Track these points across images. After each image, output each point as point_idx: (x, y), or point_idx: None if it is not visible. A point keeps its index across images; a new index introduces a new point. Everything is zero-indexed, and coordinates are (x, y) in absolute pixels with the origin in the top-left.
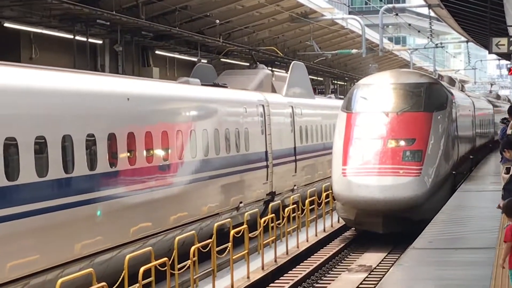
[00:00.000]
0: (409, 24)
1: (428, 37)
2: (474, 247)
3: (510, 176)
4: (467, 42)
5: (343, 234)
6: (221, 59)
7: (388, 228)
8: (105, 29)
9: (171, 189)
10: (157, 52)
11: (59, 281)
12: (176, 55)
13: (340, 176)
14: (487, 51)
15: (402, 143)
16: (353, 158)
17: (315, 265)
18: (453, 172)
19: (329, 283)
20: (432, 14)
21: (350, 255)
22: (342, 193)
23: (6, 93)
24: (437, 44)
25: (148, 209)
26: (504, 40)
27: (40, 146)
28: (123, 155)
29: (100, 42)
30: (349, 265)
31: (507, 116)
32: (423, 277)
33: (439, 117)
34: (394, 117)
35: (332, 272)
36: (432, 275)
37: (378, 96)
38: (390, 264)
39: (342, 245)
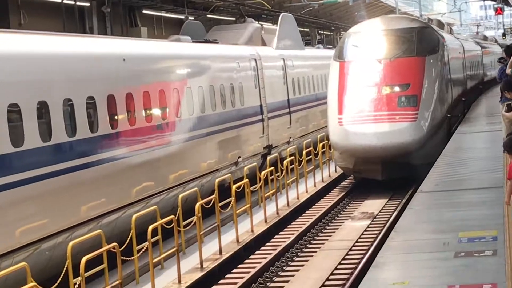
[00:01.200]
0: None
1: None
2: (481, 187)
3: None
4: None
5: (342, 183)
6: (208, 15)
7: (387, 174)
8: None
9: (171, 147)
10: (144, 11)
11: (70, 243)
12: (163, 14)
13: (337, 126)
14: None
15: (397, 89)
16: (348, 107)
17: (317, 215)
18: (448, 115)
19: (334, 232)
20: None
21: (351, 204)
22: (340, 142)
23: (9, 59)
24: None
25: (150, 169)
26: None
27: (42, 111)
28: (122, 116)
29: (88, 4)
30: (351, 213)
31: (502, 56)
32: (435, 219)
33: (431, 61)
34: (387, 63)
35: (335, 221)
36: (443, 217)
37: (370, 44)
38: (392, 210)
39: (342, 194)
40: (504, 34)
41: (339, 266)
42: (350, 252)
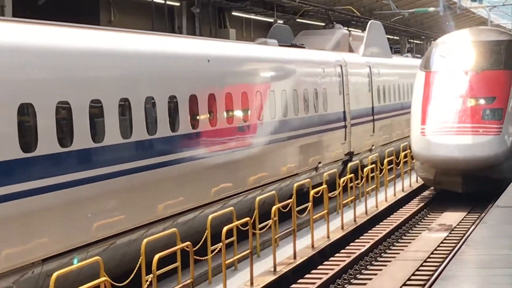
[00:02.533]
0: None
1: None
2: None
3: None
4: None
5: (421, 194)
6: (297, 20)
7: (468, 187)
8: None
9: (251, 149)
10: (233, 13)
11: (144, 240)
12: (252, 16)
13: (419, 136)
14: None
15: (482, 101)
16: (432, 117)
17: (394, 224)
18: None
19: (410, 242)
20: None
21: (430, 215)
22: (421, 152)
23: (95, 56)
24: None
25: (229, 170)
26: None
27: (124, 108)
28: (204, 116)
29: (178, 4)
30: (429, 225)
31: None
32: (509, 235)
33: None
34: (473, 75)
35: (412, 232)
36: None
37: (457, 55)
38: (470, 224)
39: (421, 204)
40: None
41: (412, 277)
42: (424, 264)
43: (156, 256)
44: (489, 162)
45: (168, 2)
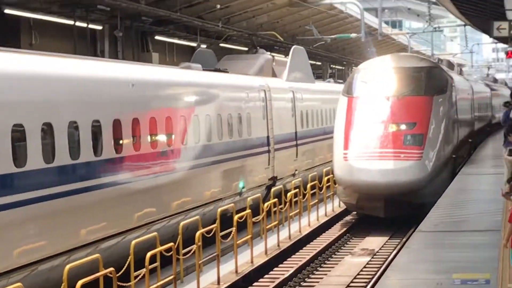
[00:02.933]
0: (409, 8)
1: (426, 21)
2: (479, 229)
3: None
4: (464, 25)
5: (344, 218)
6: (220, 44)
7: (390, 212)
8: (105, 14)
9: (175, 174)
10: (156, 37)
11: (67, 266)
12: (176, 40)
13: (342, 161)
14: (482, 35)
15: (403, 127)
16: (354, 142)
17: (318, 249)
18: (453, 156)
19: (333, 267)
20: None
21: (352, 239)
22: (344, 177)
23: (15, 79)
24: (435, 28)
25: (153, 195)
26: (505, 24)
27: (47, 132)
28: (127, 141)
29: (100, 27)
30: (352, 249)
31: (508, 99)
32: (431, 259)
33: (439, 101)
34: (395, 101)
35: (335, 256)
36: (440, 257)
37: (379, 80)
38: (393, 248)
39: (344, 229)
40: None
41: None
42: None
43: (79, 283)
44: (411, 187)
45: (90, 26)
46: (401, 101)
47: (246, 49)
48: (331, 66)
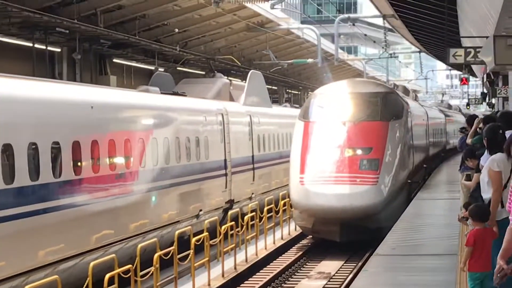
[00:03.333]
0: (365, 35)
1: (382, 47)
2: (436, 253)
3: (475, 184)
4: (419, 52)
5: (300, 242)
6: (177, 68)
7: (345, 236)
8: (63, 37)
9: (133, 196)
10: (114, 60)
11: None
12: (133, 64)
13: (298, 185)
14: (436, 61)
15: (359, 152)
16: (310, 166)
17: (274, 272)
18: (409, 181)
19: None
20: (386, 24)
21: (308, 263)
22: (300, 201)
23: None
24: (391, 54)
25: (111, 217)
26: (461, 51)
27: (6, 154)
28: (86, 162)
29: (59, 50)
30: (308, 273)
31: (464, 125)
32: (389, 283)
33: (395, 126)
34: (351, 126)
35: (291, 279)
36: (398, 281)
37: (335, 105)
38: (349, 272)
39: (300, 252)
40: (468, 104)
41: None
42: None
43: None
44: (366, 211)
45: (49, 48)
46: (357, 126)
47: (203, 73)
48: (288, 90)
